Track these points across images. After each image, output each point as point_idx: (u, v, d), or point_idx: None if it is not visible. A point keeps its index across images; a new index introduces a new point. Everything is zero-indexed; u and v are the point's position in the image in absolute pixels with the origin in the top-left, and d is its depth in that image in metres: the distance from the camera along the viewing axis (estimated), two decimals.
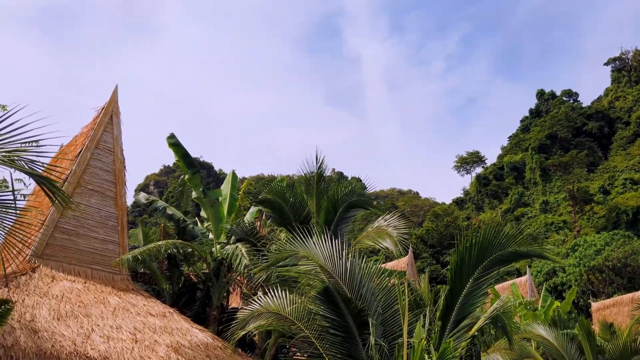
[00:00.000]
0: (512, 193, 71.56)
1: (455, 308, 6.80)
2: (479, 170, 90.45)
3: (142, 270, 14.31)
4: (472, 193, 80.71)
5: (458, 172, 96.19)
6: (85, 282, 10.34)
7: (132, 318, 9.88)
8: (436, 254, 46.24)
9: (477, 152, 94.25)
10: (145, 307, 10.55)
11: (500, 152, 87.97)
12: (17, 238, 6.22)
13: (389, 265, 22.51)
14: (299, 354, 11.63)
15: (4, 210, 5.40)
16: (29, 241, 10.16)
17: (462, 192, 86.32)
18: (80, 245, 10.88)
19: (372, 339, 6.01)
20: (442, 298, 6.74)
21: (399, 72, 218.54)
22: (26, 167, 4.04)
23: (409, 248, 22.84)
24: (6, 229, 6.42)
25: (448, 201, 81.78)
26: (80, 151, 11.06)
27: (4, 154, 3.92)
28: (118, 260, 10.72)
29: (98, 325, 9.04)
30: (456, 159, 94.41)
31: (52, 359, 7.57)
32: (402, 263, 22.59)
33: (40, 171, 4.88)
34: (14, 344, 7.43)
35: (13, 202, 5.48)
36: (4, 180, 8.46)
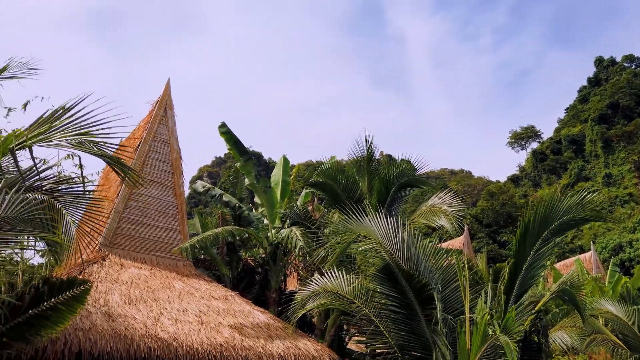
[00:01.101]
0: (572, 167, 68.30)
1: (518, 281, 6.64)
2: (534, 145, 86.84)
3: (202, 256, 14.85)
4: (528, 169, 77.74)
5: (512, 149, 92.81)
6: (151, 269, 10.86)
7: (197, 301, 10.29)
8: (492, 234, 45.06)
9: (532, 127, 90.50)
10: (208, 291, 10.96)
11: (557, 125, 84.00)
12: (90, 227, 6.62)
13: (445, 245, 22.17)
14: (357, 334, 11.76)
15: (77, 200, 5.72)
16: (98, 231, 10.78)
17: (518, 168, 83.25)
18: (144, 234, 11.42)
19: (438, 313, 5.97)
20: (506, 271, 6.59)
21: (446, 49, 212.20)
22: (95, 149, 4.24)
23: (464, 227, 22.40)
24: (76, 220, 6.85)
25: (503, 179, 79.22)
26: (139, 144, 11.55)
27: (73, 137, 4.11)
28: (180, 247, 11.16)
29: (166, 308, 9.49)
30: (510, 135, 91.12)
31: (127, 341, 8.02)
32: (457, 243, 22.20)
33: (109, 153, 5.06)
34: (91, 327, 7.92)
35: (83, 191, 5.79)
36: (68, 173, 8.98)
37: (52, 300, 3.86)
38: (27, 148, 4.08)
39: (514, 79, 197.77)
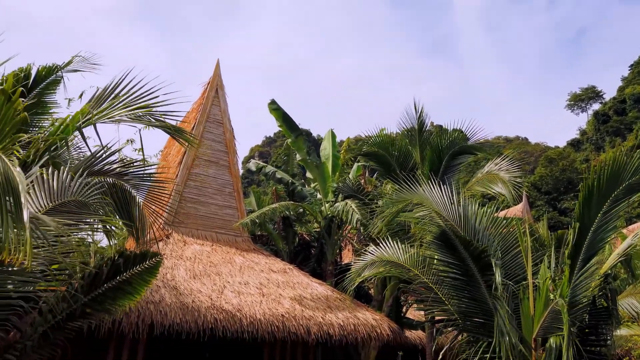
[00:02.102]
0: (638, 128, 64.04)
1: (584, 245, 6.40)
2: (596, 106, 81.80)
3: (259, 232, 15.27)
4: (590, 132, 73.61)
5: (572, 112, 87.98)
6: (212, 245, 11.30)
7: (257, 275, 10.65)
8: (552, 201, 43.32)
9: (593, 87, 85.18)
10: (267, 265, 11.31)
11: (620, 84, 78.65)
12: (157, 206, 6.98)
13: (503, 214, 21.54)
14: (415, 303, 11.77)
15: (144, 182, 6.00)
16: (163, 211, 11.30)
17: (578, 132, 78.94)
18: (203, 212, 11.87)
19: (497, 278, 5.88)
20: (571, 235, 6.36)
21: (496, 11, 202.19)
22: (152, 120, 4.40)
23: (522, 195, 21.66)
24: (142, 201, 7.21)
25: (562, 144, 75.47)
26: (194, 125, 11.91)
27: (134, 111, 4.29)
28: (240, 223, 11.52)
29: (228, 282, 9.89)
30: (569, 97, 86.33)
31: (194, 312, 8.45)
32: (516, 211, 21.53)
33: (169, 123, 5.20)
34: (161, 300, 8.40)
35: (143, 166, 6.06)
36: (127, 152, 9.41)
37: (128, 272, 4.13)
38: (92, 125, 4.31)
39: (572, 38, 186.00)
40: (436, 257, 6.97)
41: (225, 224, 12.07)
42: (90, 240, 5.15)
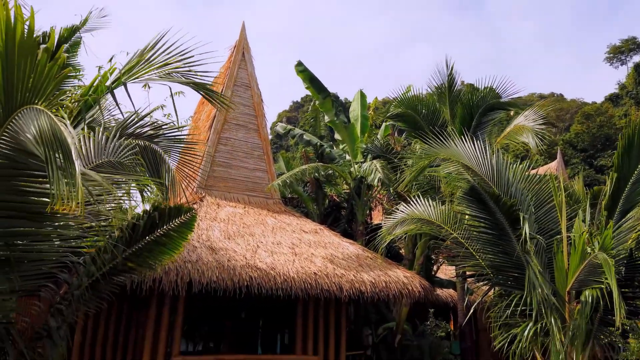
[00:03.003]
0: None
1: (622, 197, 6.26)
2: (637, 58, 77.77)
3: (289, 195, 15.47)
4: (630, 86, 70.21)
5: (611, 65, 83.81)
6: (244, 207, 11.54)
7: (289, 235, 10.86)
8: (588, 158, 42.02)
9: (634, 38, 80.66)
10: (298, 225, 11.50)
11: None
12: (190, 169, 7.13)
13: (537, 171, 21.08)
14: (446, 260, 11.82)
15: (176, 144, 6.12)
16: (195, 174, 11.56)
17: (617, 86, 75.52)
18: (234, 175, 12.07)
19: (526, 231, 5.83)
20: (608, 187, 6.22)
21: None
22: (184, 79, 4.45)
23: (557, 150, 21.10)
24: (175, 164, 7.38)
25: (599, 99, 72.44)
26: (222, 89, 11.97)
27: (164, 70, 4.34)
28: (272, 185, 11.68)
29: (261, 242, 10.13)
30: (607, 50, 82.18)
31: (230, 271, 8.73)
32: (550, 169, 21.04)
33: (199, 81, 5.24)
34: (198, 260, 8.70)
35: (178, 131, 6.17)
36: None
37: (164, 227, 4.29)
38: (122, 86, 4.39)
39: None
40: (467, 212, 6.95)
41: (256, 187, 12.27)
42: (127, 200, 5.32)
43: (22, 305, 3.93)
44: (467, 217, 7.08)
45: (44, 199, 3.32)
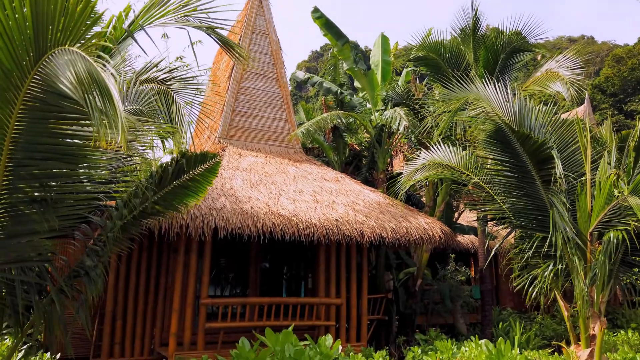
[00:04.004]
0: None
1: None
2: None
3: (310, 145, 15.51)
4: None
5: None
6: (265, 156, 11.65)
7: (310, 183, 10.98)
8: (618, 103, 40.63)
9: None
10: (319, 174, 11.59)
11: None
12: (211, 119, 7.19)
13: (563, 117, 20.52)
14: (467, 205, 11.84)
15: (195, 89, 6.13)
16: (215, 125, 11.65)
17: None
18: (254, 125, 12.11)
19: (558, 169, 5.77)
20: (638, 126, 6.06)
21: None
22: (200, 23, 4.42)
23: (585, 95, 20.43)
24: (196, 112, 7.43)
25: (632, 41, 69.07)
26: (240, 37, 11.82)
27: (182, 14, 4.29)
28: (295, 133, 11.72)
29: (283, 190, 10.28)
30: None
31: (253, 218, 8.94)
32: (577, 114, 20.46)
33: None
34: (222, 207, 8.91)
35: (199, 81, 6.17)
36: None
37: (191, 172, 4.41)
38: (141, 29, 4.37)
39: None
40: (489, 156, 6.90)
41: (277, 136, 12.32)
42: (155, 146, 5.43)
43: (59, 246, 4.15)
44: (489, 161, 7.03)
45: (77, 141, 3.44)
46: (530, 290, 6.76)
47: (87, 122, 3.22)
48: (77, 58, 2.66)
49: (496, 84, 7.32)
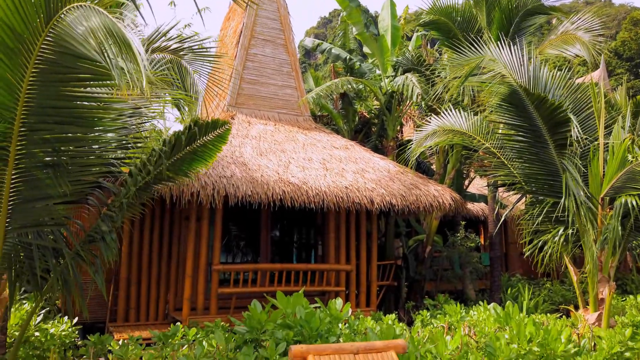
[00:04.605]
0: None
1: None
2: None
3: (319, 113, 15.40)
4: None
5: None
6: (275, 124, 11.61)
7: (320, 151, 10.96)
8: (634, 68, 39.67)
9: None
10: (329, 142, 11.56)
11: None
12: (219, 87, 7.14)
13: (578, 81, 20.08)
14: (478, 171, 11.78)
15: (205, 56, 6.08)
16: (223, 93, 11.58)
17: None
18: (263, 93, 12.03)
19: (575, 132, 5.69)
20: None
21: None
22: None
23: (601, 59, 19.95)
24: (205, 81, 7.39)
25: None
26: (247, 3, 11.60)
27: None
28: (303, 99, 11.63)
29: (293, 158, 10.28)
30: None
31: (264, 185, 8.98)
32: (592, 79, 20.02)
33: None
34: (232, 175, 8.96)
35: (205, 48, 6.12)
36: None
37: (202, 139, 4.42)
38: None
39: None
40: (502, 120, 6.81)
41: (286, 104, 12.24)
42: (166, 113, 5.44)
43: (74, 210, 4.23)
44: (501, 125, 6.95)
45: (92, 103, 3.44)
46: (539, 255, 6.79)
47: (101, 82, 3.21)
48: (91, 13, 2.63)
49: (511, 45, 7.17)
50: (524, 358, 4.56)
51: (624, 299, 9.80)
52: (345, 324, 5.38)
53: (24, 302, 6.82)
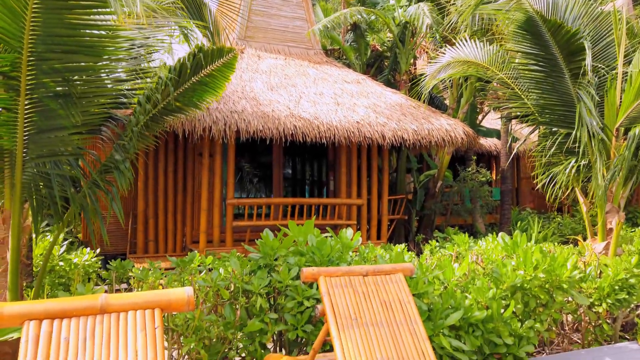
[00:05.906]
0: None
1: None
2: None
3: (330, 47, 15.03)
4: None
5: None
6: (285, 58, 11.40)
7: (331, 85, 10.81)
8: None
9: None
10: (340, 76, 11.36)
11: None
12: (229, 18, 6.99)
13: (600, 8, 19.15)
14: (491, 103, 11.58)
15: None
16: (232, 26, 11.30)
17: None
18: (273, 25, 11.72)
19: (588, 60, 5.53)
20: None
21: None
22: None
23: None
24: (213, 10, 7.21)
25: None
26: None
27: None
28: (312, 29, 11.34)
29: (304, 92, 10.18)
30: None
31: (274, 120, 8.98)
32: (614, 6, 19.04)
33: None
34: (243, 110, 8.94)
35: None
36: None
37: (208, 68, 4.38)
38: None
39: None
40: (517, 49, 6.61)
41: (296, 37, 11.95)
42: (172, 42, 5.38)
43: (89, 140, 4.31)
44: (517, 55, 6.75)
45: (99, 32, 3.42)
46: (551, 187, 6.80)
47: (102, 10, 3.18)
48: None
49: None
50: (529, 284, 4.70)
51: (633, 230, 9.88)
52: (356, 252, 5.56)
53: (47, 234, 7.11)
